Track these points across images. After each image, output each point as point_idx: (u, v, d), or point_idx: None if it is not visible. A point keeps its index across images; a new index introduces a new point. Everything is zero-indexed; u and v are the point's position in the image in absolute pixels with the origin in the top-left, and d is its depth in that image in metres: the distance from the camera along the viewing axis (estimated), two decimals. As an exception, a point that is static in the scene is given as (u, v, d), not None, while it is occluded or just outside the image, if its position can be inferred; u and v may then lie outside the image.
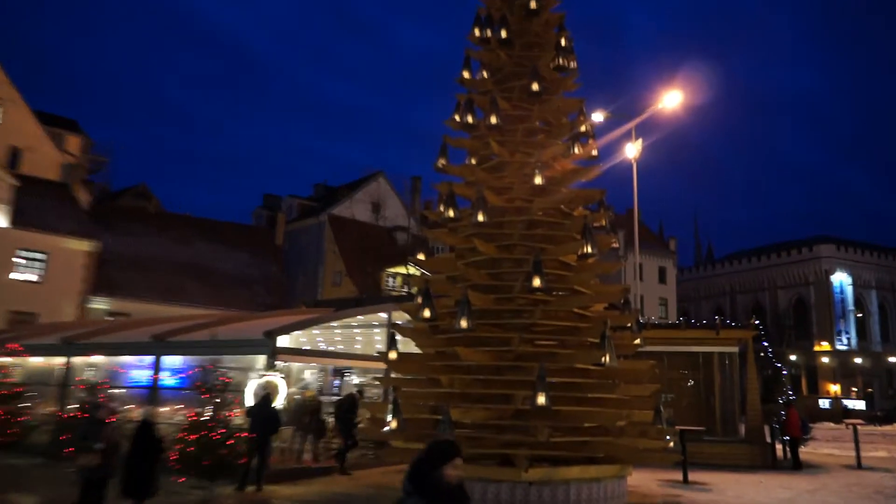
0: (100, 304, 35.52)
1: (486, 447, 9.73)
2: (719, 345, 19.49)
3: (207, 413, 12.23)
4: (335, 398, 20.47)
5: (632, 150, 25.49)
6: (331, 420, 16.07)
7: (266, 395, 12.97)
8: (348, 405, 15.43)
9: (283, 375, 15.35)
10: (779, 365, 23.43)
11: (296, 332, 18.14)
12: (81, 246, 34.90)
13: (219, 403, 12.64)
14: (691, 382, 20.60)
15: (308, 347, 19.76)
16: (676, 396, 19.92)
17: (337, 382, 23.03)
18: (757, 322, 20.00)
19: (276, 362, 14.93)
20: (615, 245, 11.70)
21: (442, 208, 10.81)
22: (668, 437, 10.62)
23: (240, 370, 15.64)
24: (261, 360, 15.08)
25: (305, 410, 16.96)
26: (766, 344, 21.40)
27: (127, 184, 52.89)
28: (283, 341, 15.90)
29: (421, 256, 11.62)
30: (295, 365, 19.30)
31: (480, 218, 10.23)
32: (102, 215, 39.28)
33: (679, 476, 14.93)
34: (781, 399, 21.78)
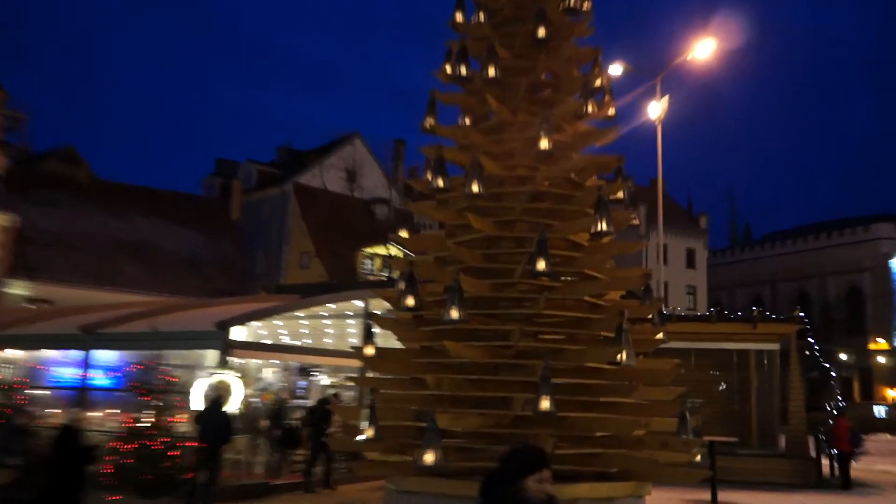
0: (17, 288, 35.34)
1: (479, 460, 9.79)
2: (757, 341, 19.69)
3: (147, 419, 12.23)
4: (301, 402, 20.57)
5: (656, 109, 25.47)
6: (299, 427, 16.19)
7: (217, 397, 13.00)
8: (321, 413, 15.53)
9: (238, 375, 15.35)
10: (827, 366, 23.66)
11: (254, 323, 18.14)
12: (-5, 219, 34.71)
13: (161, 407, 12.64)
14: (723, 386, 20.81)
15: (269, 341, 19.81)
16: (705, 402, 20.10)
17: (303, 383, 23.11)
18: (802, 314, 20.17)
19: (230, 359, 14.94)
20: (635, 222, 11.69)
21: (429, 177, 10.76)
22: (694, 450, 10.73)
23: (186, 368, 15.65)
24: (211, 355, 15.07)
25: (265, 416, 17.05)
26: (812, 341, 21.59)
27: (51, 146, 52.27)
28: (238, 334, 15.90)
29: (404, 234, 11.61)
30: (253, 362, 19.32)
31: (475, 189, 10.21)
32: (20, 183, 38.77)
33: (707, 496, 15.12)
34: (829, 406, 22.04)
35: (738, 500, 15.53)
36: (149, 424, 12.40)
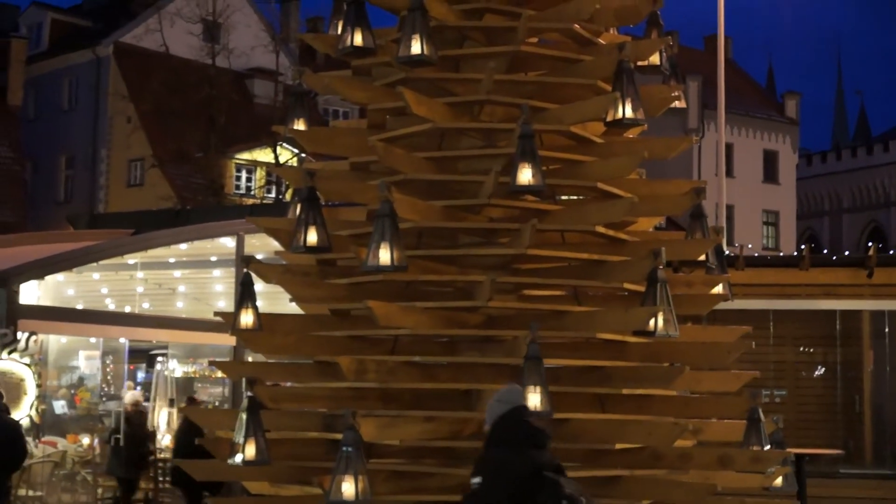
0: None
1: (426, 491, 9.97)
2: (875, 297, 20.03)
3: None
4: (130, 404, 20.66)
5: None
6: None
7: (-3, 398, 12.99)
8: (136, 418, 15.76)
9: (31, 362, 15.27)
10: None
11: (56, 278, 17.92)
12: None
13: None
14: (820, 369, 21.24)
15: (81, 306, 19.62)
16: (791, 394, 20.53)
17: (143, 375, 23.05)
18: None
19: (19, 334, 14.87)
20: (679, 104, 11.73)
21: (339, 30, 10.71)
22: (771, 470, 11.02)
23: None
24: (-16, 330, 14.99)
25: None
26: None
27: None
28: (28, 294, 15.78)
29: (300, 126, 11.56)
30: (56, 340, 19.22)
31: (417, 49, 10.16)
32: None
33: (791, 541, 15.58)
34: None
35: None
36: None
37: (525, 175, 9.55)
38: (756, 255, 26.94)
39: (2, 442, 12.46)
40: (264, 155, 44.42)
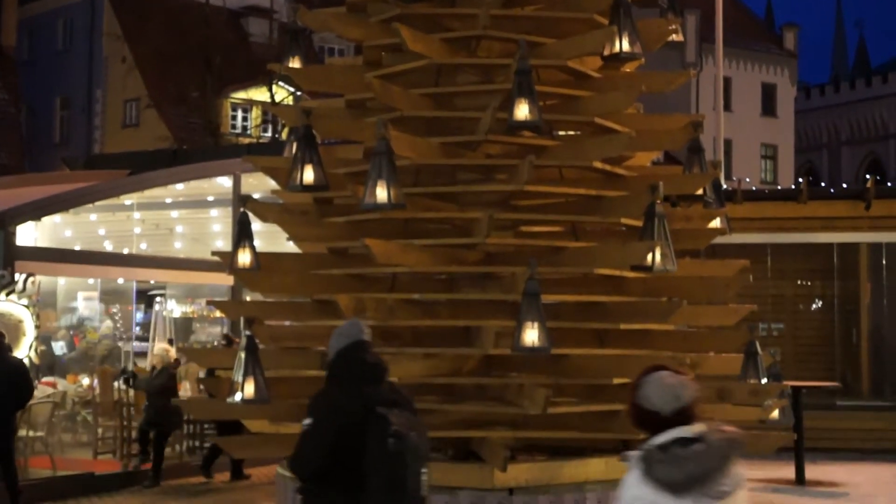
0: None
1: (428, 427, 10.03)
2: (872, 229, 20.02)
3: None
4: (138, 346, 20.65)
5: None
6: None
7: (-1, 338, 13.03)
8: (161, 373, 15.72)
9: (30, 303, 15.31)
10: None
11: (53, 219, 17.86)
12: None
13: None
14: (818, 302, 21.29)
15: (79, 248, 19.58)
16: (788, 327, 20.57)
17: (141, 315, 23.06)
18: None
19: (17, 276, 14.89)
20: (677, 37, 11.67)
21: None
22: (769, 403, 11.08)
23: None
24: (-17, 273, 15.01)
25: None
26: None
27: None
28: (25, 236, 15.73)
29: (295, 64, 11.50)
30: (55, 282, 19.30)
31: (412, -15, 10.13)
32: None
33: (788, 472, 15.68)
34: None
35: (837, 479, 16.12)
36: None
37: (522, 111, 9.51)
38: (754, 188, 26.92)
39: (9, 380, 12.53)
40: (260, 94, 44.15)
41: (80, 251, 19.04)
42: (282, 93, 42.10)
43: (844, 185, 21.80)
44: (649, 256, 9.69)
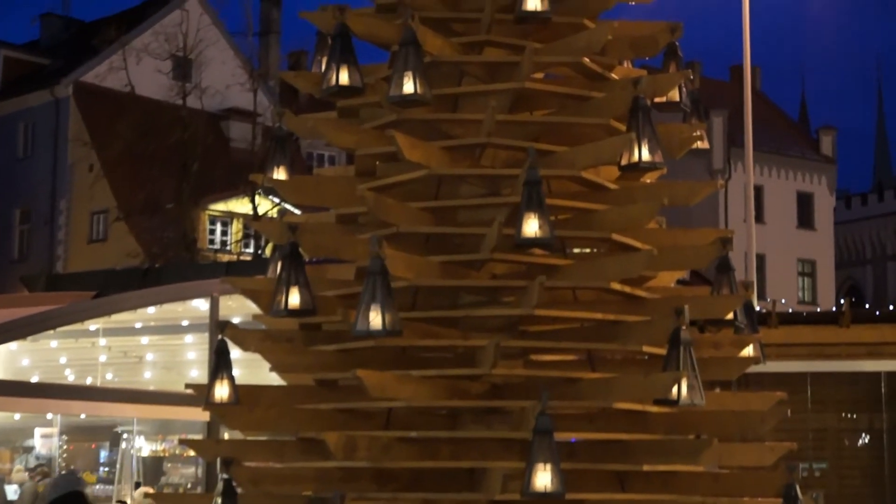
0: None
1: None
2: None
3: None
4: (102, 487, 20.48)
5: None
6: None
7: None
8: None
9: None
10: None
11: (7, 347, 17.87)
12: None
13: None
14: (865, 437, 21.19)
15: (37, 379, 19.58)
16: (833, 466, 20.45)
17: (105, 454, 22.90)
18: None
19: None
20: (701, 144, 11.77)
21: (323, 66, 10.77)
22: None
23: None
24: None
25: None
26: None
27: None
28: (-22, 366, 15.75)
29: (281, 174, 11.59)
30: (10, 417, 19.16)
31: (410, 87, 10.22)
32: None
33: None
34: None
35: None
36: None
37: (531, 226, 9.55)
38: (791, 310, 26.97)
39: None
40: (241, 205, 44.54)
41: (37, 383, 19.04)
42: (266, 204, 42.46)
43: (892, 307, 21.78)
44: (674, 389, 9.67)
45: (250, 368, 14.39)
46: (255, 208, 42.18)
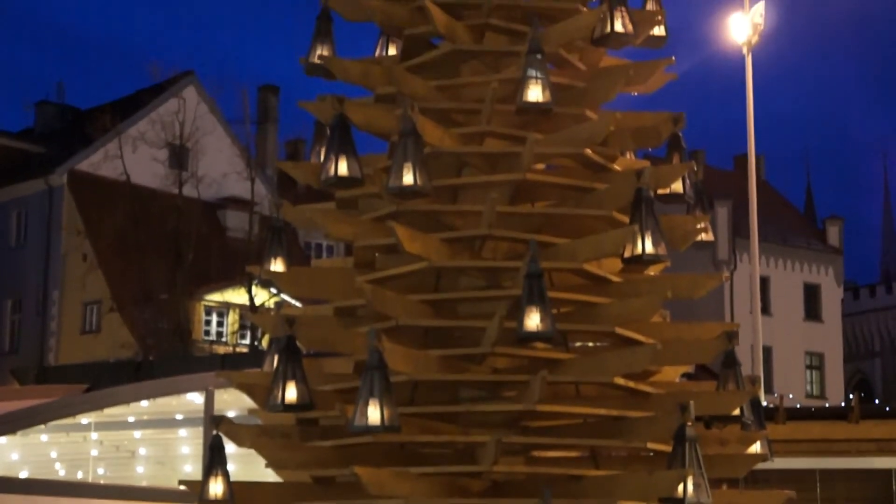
0: None
1: None
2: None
3: None
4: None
5: (744, 26, 25.83)
6: None
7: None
8: None
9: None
10: None
11: (-4, 441, 17.79)
12: None
13: None
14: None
15: (26, 474, 19.43)
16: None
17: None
18: None
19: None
20: (705, 236, 11.78)
21: (322, 157, 10.81)
22: None
23: None
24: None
25: None
26: None
27: None
28: (-35, 461, 15.63)
29: (277, 266, 11.60)
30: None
31: (409, 178, 10.25)
32: None
33: None
34: None
35: None
36: None
37: (533, 320, 9.53)
38: (798, 405, 26.86)
39: None
40: (238, 296, 44.49)
41: (27, 479, 18.90)
42: (262, 295, 42.37)
43: (903, 402, 21.66)
44: (680, 487, 9.60)
45: (245, 463, 14.28)
46: (251, 299, 42.14)
